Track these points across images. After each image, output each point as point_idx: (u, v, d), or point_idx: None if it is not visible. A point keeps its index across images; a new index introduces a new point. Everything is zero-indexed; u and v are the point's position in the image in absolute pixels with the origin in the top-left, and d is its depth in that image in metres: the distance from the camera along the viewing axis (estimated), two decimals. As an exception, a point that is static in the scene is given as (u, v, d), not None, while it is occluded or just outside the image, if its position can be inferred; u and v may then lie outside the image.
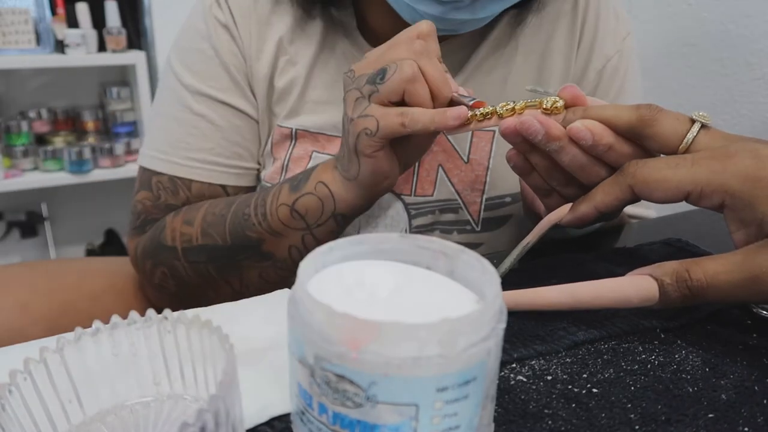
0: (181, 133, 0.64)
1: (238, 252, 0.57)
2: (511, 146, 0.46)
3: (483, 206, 0.66)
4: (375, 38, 0.63)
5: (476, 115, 0.44)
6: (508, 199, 0.66)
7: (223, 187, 0.65)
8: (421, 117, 0.44)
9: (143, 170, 0.67)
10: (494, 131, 0.64)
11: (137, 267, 0.67)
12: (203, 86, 0.63)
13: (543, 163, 0.45)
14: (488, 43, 0.64)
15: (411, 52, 0.44)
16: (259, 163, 0.68)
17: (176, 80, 0.65)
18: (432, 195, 0.65)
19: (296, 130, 0.64)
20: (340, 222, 0.53)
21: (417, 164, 0.64)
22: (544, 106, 0.43)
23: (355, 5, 0.63)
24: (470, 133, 0.64)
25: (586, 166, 0.43)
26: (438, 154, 0.64)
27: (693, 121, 0.40)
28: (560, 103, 0.43)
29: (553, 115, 0.43)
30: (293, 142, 0.64)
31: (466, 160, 0.64)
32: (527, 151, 0.45)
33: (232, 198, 0.60)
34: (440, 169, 0.64)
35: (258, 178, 0.68)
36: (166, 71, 0.67)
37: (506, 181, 0.65)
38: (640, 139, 0.42)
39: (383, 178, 0.49)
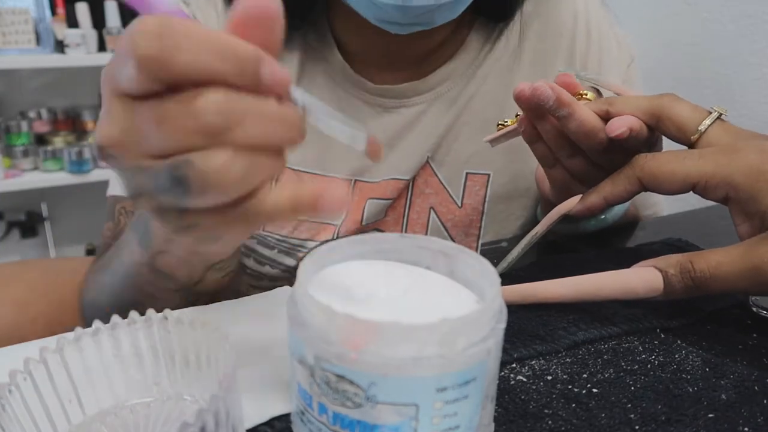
0: None
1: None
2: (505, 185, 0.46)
3: (479, 252, 0.65)
4: (351, 57, 0.61)
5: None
6: (504, 244, 0.65)
7: None
8: (278, 210, 0.27)
9: (110, 200, 0.60)
10: (488, 174, 0.63)
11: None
12: None
13: (551, 131, 0.46)
14: (480, 82, 0.62)
15: (200, 126, 0.24)
16: None
17: None
18: (423, 235, 0.63)
19: None
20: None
21: (407, 206, 0.62)
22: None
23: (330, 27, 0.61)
24: (464, 176, 0.62)
25: (591, 134, 0.44)
26: (430, 196, 0.62)
27: (710, 113, 0.42)
28: (589, 95, 0.46)
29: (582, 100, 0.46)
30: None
31: (459, 205, 0.63)
32: (537, 118, 0.46)
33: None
34: (432, 212, 0.63)
35: None
36: None
37: (502, 226, 0.64)
38: (657, 123, 0.43)
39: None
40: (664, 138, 0.46)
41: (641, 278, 0.39)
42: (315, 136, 0.67)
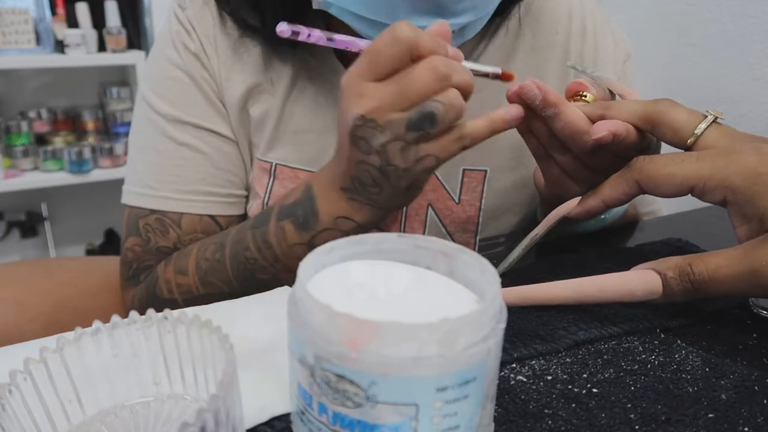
0: (167, 166, 0.61)
1: (248, 293, 0.54)
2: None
3: (477, 247, 0.65)
4: (350, 61, 0.61)
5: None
6: (501, 239, 0.65)
7: (213, 218, 0.62)
8: (480, 133, 0.43)
9: (130, 211, 0.63)
10: (485, 171, 0.63)
11: None
12: (184, 115, 0.60)
13: (541, 128, 0.46)
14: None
15: (438, 78, 0.40)
16: (247, 190, 0.65)
17: (153, 112, 0.61)
18: (422, 235, 0.63)
19: (276, 165, 0.62)
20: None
21: None
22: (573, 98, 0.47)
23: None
24: (461, 173, 0.62)
25: (576, 135, 0.44)
26: (427, 192, 0.62)
27: (705, 116, 0.42)
28: (589, 98, 0.47)
29: (580, 102, 0.47)
30: (272, 179, 0.62)
31: (457, 201, 0.63)
32: (528, 117, 0.46)
33: (218, 239, 0.57)
34: (430, 209, 0.63)
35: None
36: (140, 104, 0.63)
37: (499, 222, 0.64)
38: (653, 128, 0.43)
39: (420, 193, 0.49)
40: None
41: (640, 281, 0.39)
42: (313, 135, 0.67)
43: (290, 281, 0.53)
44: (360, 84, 0.41)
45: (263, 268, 0.53)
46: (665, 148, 0.46)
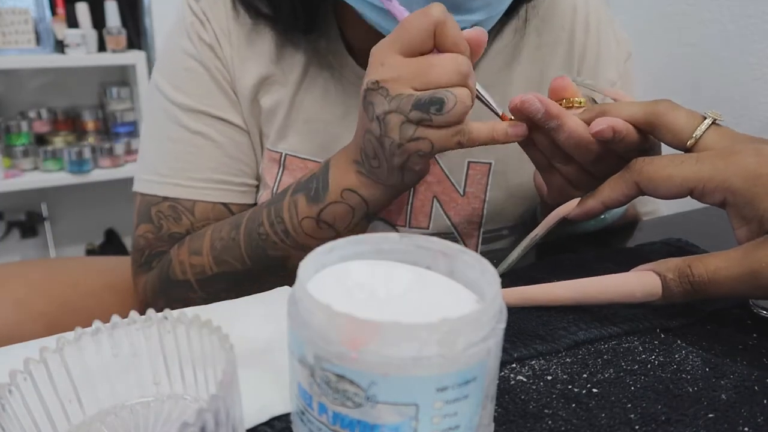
0: (180, 153, 0.62)
1: (260, 272, 0.55)
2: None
3: (480, 239, 0.65)
4: (360, 55, 0.61)
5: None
6: (505, 232, 0.66)
7: (227, 205, 0.63)
8: (479, 135, 0.45)
9: (141, 199, 0.63)
10: (490, 164, 0.63)
11: (147, 306, 0.63)
12: (198, 104, 0.61)
13: (544, 141, 0.46)
14: (479, 76, 0.62)
15: (459, 74, 0.42)
16: (258, 180, 0.66)
17: (167, 101, 0.62)
18: (428, 228, 0.63)
19: (285, 155, 0.63)
20: (370, 219, 0.53)
21: (411, 195, 0.63)
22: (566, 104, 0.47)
23: (338, 25, 0.61)
24: (466, 165, 0.62)
25: (581, 144, 0.44)
26: (432, 185, 0.63)
27: (705, 118, 0.42)
28: (582, 102, 0.47)
29: (574, 109, 0.46)
30: (281, 169, 0.63)
31: (462, 193, 0.63)
32: (530, 129, 0.46)
33: (233, 219, 0.58)
34: (435, 201, 0.63)
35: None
36: (153, 93, 0.64)
37: (503, 214, 0.65)
38: (653, 129, 0.43)
39: (421, 179, 0.50)
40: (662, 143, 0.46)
41: (640, 282, 0.39)
42: (321, 125, 0.68)
43: (300, 260, 0.54)
44: (386, 54, 0.43)
45: (274, 244, 0.53)
46: (665, 149, 0.46)
